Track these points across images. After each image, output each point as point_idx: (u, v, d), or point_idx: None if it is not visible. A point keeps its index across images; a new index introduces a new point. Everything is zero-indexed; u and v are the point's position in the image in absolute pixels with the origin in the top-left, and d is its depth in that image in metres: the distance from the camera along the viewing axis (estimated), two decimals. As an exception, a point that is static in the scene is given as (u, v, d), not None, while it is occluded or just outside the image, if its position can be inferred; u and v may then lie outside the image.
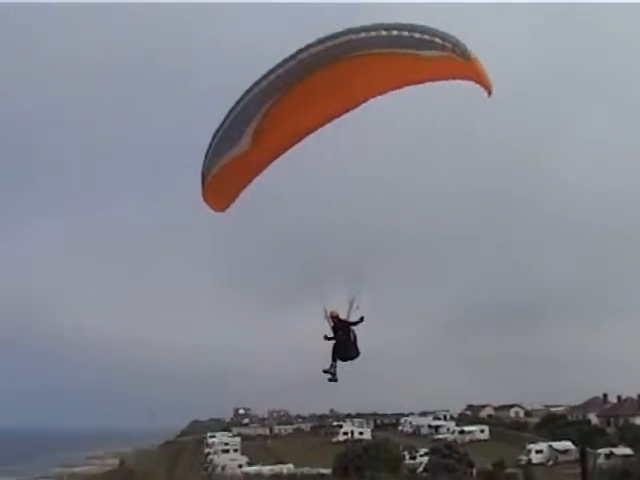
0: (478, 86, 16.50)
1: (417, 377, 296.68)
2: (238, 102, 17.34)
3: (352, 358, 22.13)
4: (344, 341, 21.82)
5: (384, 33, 15.91)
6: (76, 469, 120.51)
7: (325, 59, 16.20)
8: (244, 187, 18.84)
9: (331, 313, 21.90)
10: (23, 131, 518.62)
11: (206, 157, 18.37)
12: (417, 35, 15.93)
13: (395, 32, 15.91)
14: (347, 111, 17.35)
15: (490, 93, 16.52)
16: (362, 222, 18.96)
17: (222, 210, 19.47)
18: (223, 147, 17.98)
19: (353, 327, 21.81)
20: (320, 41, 16.21)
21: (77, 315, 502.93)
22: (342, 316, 21.67)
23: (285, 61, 16.59)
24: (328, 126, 17.54)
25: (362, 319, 21.37)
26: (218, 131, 17.92)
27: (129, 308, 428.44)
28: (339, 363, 21.13)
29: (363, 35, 15.91)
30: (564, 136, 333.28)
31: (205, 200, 19.23)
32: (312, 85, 16.58)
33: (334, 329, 22.19)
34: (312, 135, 17.75)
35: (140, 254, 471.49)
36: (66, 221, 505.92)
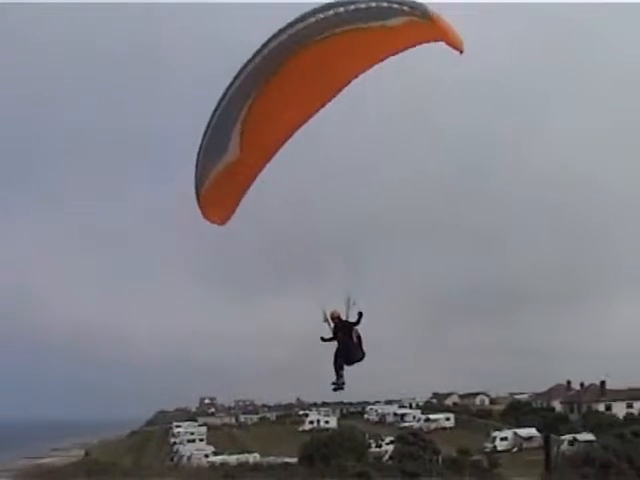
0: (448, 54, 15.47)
1: (383, 366, 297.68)
2: (219, 103, 16.51)
3: (358, 360, 20.97)
4: (345, 343, 20.58)
5: (342, 9, 15.04)
6: (41, 461, 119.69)
7: (292, 48, 15.43)
8: (241, 196, 17.91)
9: (332, 314, 20.52)
10: (18, 122, 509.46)
11: (196, 169, 17.47)
12: (374, 4, 15.03)
13: (352, 6, 15.03)
14: (327, 101, 16.60)
15: (461, 51, 15.11)
16: (338, 209, 18.64)
17: (223, 223, 18.49)
18: (211, 157, 17.12)
19: (356, 327, 20.91)
20: (283, 30, 15.36)
21: (43, 304, 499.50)
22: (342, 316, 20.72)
23: (255, 55, 15.75)
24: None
25: (361, 315, 20.01)
26: (204, 137, 17.03)
27: (98, 298, 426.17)
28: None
29: (322, 16, 15.08)
30: (540, 123, 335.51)
31: (204, 216, 18.28)
32: (288, 77, 15.83)
33: (334, 332, 21.11)
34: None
35: (112, 245, 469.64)
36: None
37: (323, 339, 21.22)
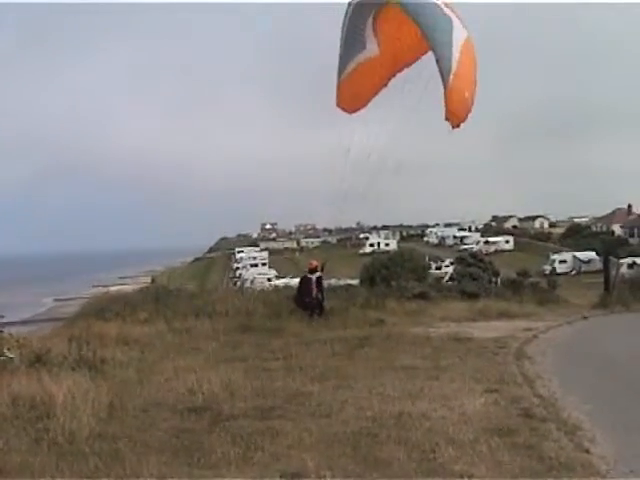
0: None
1: (444, 188, 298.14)
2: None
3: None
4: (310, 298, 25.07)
5: None
6: (110, 288, 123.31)
7: None
8: (377, 92, 18.34)
9: (310, 264, 25.82)
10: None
11: (339, 61, 18.20)
12: None
13: None
14: None
15: None
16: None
17: (353, 112, 18.96)
18: (350, 53, 17.75)
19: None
20: None
21: (115, 134, 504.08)
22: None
23: None
24: None
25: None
26: (342, 34, 17.80)
27: (164, 125, 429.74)
28: None
29: None
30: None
31: (337, 105, 18.82)
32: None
33: (301, 280, 25.70)
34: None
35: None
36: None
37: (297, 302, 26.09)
